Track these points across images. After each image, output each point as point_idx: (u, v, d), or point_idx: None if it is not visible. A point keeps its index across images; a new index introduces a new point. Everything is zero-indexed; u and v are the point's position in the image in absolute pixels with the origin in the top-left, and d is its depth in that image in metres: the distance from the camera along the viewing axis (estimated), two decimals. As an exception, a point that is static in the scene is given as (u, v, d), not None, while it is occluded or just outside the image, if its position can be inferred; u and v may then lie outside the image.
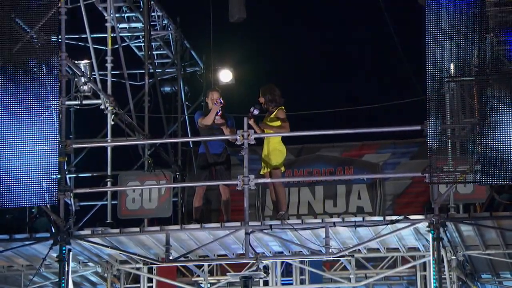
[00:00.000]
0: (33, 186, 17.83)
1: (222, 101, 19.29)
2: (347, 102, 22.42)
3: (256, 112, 19.12)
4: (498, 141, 17.12)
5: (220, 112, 19.19)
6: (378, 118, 20.92)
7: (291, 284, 20.36)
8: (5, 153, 18.20)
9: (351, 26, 25.40)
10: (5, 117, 18.30)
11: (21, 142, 18.05)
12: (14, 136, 18.17)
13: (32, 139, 17.95)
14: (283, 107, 19.02)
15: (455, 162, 17.30)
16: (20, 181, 17.92)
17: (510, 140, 17.08)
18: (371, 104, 22.21)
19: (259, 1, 22.09)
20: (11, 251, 18.78)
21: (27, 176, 17.92)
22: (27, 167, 17.97)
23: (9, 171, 18.05)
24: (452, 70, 17.43)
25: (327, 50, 26.66)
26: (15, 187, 17.90)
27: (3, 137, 18.22)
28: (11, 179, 17.90)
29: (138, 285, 20.47)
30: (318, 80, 25.81)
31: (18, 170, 17.98)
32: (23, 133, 18.07)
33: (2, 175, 18.05)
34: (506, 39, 17.66)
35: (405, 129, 18.56)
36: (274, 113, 18.90)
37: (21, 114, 18.18)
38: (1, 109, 18.37)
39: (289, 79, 23.19)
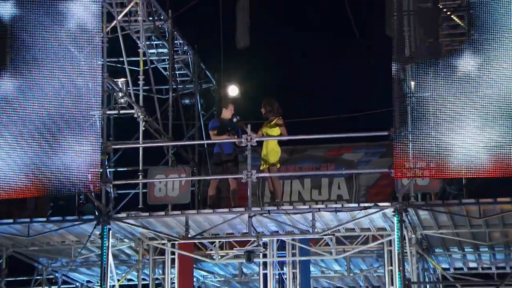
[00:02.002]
0: (81, 178, 17.96)
1: (237, 117, 19.52)
2: (331, 113, 22.45)
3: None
4: (448, 144, 17.23)
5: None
6: (354, 125, 20.84)
7: (285, 256, 20.06)
8: (60, 153, 18.23)
9: (335, 58, 25.31)
10: (60, 123, 18.31)
11: (72, 143, 18.17)
12: (67, 139, 18.24)
13: (81, 141, 18.09)
14: (280, 116, 19.18)
15: (414, 160, 17.28)
16: (70, 174, 18.01)
17: (457, 144, 17.15)
18: (351, 114, 22.44)
19: (260, 30, 22.05)
20: (63, 229, 18.99)
21: (76, 170, 18.03)
22: (76, 164, 18.04)
23: (63, 166, 18.12)
24: (412, 87, 17.56)
25: (315, 72, 26.57)
26: (67, 179, 18.02)
27: (58, 139, 18.27)
28: (64, 173, 18.02)
29: (163, 257, 20.19)
30: (307, 94, 25.76)
31: (69, 166, 18.04)
32: (74, 137, 18.18)
33: (57, 170, 18.14)
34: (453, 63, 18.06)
35: (376, 134, 18.78)
36: (274, 121, 19.04)
37: (73, 121, 18.26)
38: (58, 116, 18.35)
39: (285, 93, 23.00)
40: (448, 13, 17.82)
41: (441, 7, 17.91)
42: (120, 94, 20.77)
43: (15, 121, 18.58)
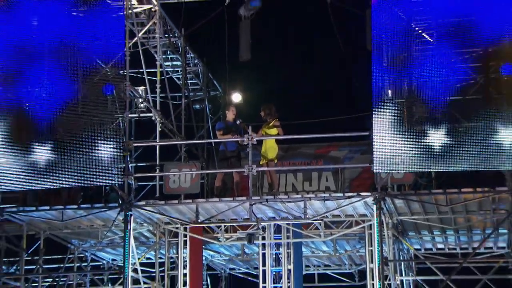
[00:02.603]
0: (107, 172, 18.11)
1: (240, 120, 19.48)
2: (321, 116, 22.20)
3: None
4: (419, 143, 17.31)
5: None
6: (341, 127, 20.62)
7: (280, 238, 20.06)
8: (89, 151, 18.33)
9: (324, 69, 25.34)
10: (89, 125, 18.40)
11: (99, 142, 18.28)
12: (96, 138, 18.36)
13: (107, 140, 18.24)
14: (277, 118, 19.24)
15: (391, 157, 17.33)
16: (98, 168, 18.13)
17: (426, 143, 17.21)
18: (337, 117, 22.42)
19: (260, 46, 21.93)
20: (92, 215, 19.13)
21: (103, 165, 18.16)
22: (103, 159, 18.19)
23: (92, 162, 18.21)
24: (389, 94, 17.63)
25: (307, 82, 26.72)
26: (96, 173, 18.14)
27: (89, 139, 18.35)
28: (93, 168, 18.12)
29: (177, 239, 20.19)
30: (300, 100, 25.80)
31: (97, 161, 18.17)
32: (101, 137, 18.30)
33: (88, 165, 18.21)
34: (427, 74, 17.74)
35: (358, 134, 18.88)
36: (272, 123, 19.09)
37: (100, 123, 18.38)
38: (87, 119, 18.44)
39: (281, 99, 22.89)
40: (420, 31, 17.84)
41: (413, 26, 17.87)
42: (140, 100, 20.96)
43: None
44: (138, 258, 19.80)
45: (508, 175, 17.49)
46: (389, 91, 17.70)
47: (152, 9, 20.74)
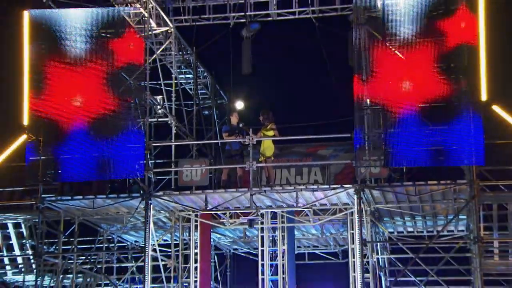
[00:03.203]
0: (131, 167, 18.17)
1: (243, 123, 19.61)
2: (311, 120, 22.46)
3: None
4: (393, 143, 17.42)
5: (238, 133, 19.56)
6: (328, 129, 20.85)
7: (276, 223, 20.09)
8: (116, 149, 18.35)
9: (315, 80, 25.12)
10: (115, 129, 18.47)
11: (125, 143, 18.34)
12: (122, 139, 18.36)
13: (131, 141, 18.29)
14: (273, 122, 19.24)
15: (369, 155, 17.59)
16: (123, 164, 18.20)
17: (400, 143, 17.35)
18: (325, 121, 22.08)
19: (259, 61, 21.40)
20: (118, 203, 19.17)
21: (127, 161, 18.23)
22: (128, 157, 18.25)
23: (118, 159, 18.27)
24: (368, 102, 17.70)
25: (300, 92, 26.64)
26: (121, 168, 18.22)
27: (116, 140, 18.40)
28: (119, 163, 18.22)
29: (189, 223, 20.29)
30: (293, 107, 25.77)
31: (123, 158, 18.22)
32: (126, 138, 18.34)
33: (115, 162, 18.27)
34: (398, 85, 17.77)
35: (342, 135, 18.72)
36: (269, 126, 19.14)
37: (124, 126, 18.43)
38: (116, 123, 18.49)
39: (277, 106, 22.76)
40: (393, 49, 17.82)
41: (387, 44, 17.85)
42: (159, 107, 21.15)
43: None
44: (157, 240, 19.84)
45: (467, 170, 17.60)
46: (368, 100, 17.78)
47: (168, 31, 20.80)
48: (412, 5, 18.00)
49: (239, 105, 22.35)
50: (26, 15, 19.01)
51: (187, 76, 22.97)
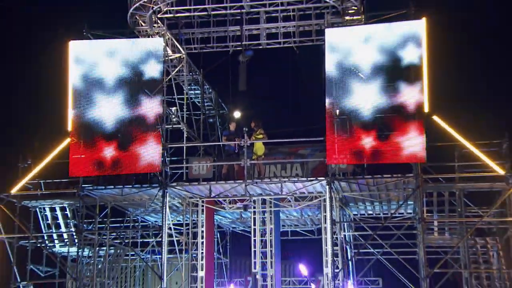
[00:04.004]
0: (151, 163, 18.20)
1: (246, 129, 19.06)
2: (294, 126, 22.22)
3: (245, 128, 19.00)
4: (356, 144, 17.44)
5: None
6: (307, 134, 20.23)
7: (265, 208, 19.96)
8: (140, 150, 18.33)
9: (297, 97, 24.38)
10: (141, 133, 18.47)
11: (147, 144, 18.36)
12: (145, 141, 18.40)
13: (151, 142, 18.33)
14: (262, 128, 19.29)
15: (337, 154, 17.54)
16: (146, 161, 18.23)
17: (362, 144, 17.37)
18: (304, 127, 21.62)
19: (252, 81, 21.69)
20: (141, 192, 19.26)
21: (149, 158, 18.24)
22: (149, 155, 18.31)
23: (142, 157, 18.31)
24: (337, 112, 17.67)
25: (285, 105, 26.22)
26: (144, 163, 18.28)
27: (140, 142, 18.46)
28: (142, 160, 18.29)
29: (197, 208, 20.24)
30: (280, 117, 25.30)
31: (145, 156, 18.27)
32: (148, 140, 18.36)
33: (139, 158, 18.29)
34: (361, 98, 17.81)
35: (317, 139, 18.70)
36: (259, 131, 19.23)
37: (147, 131, 18.43)
38: (140, 128, 18.47)
39: (266, 116, 21.69)
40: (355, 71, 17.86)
41: (352, 68, 17.84)
42: (173, 116, 21.12)
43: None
44: (171, 220, 20.07)
45: (414, 166, 17.73)
46: (337, 110, 17.77)
47: (181, 57, 20.96)
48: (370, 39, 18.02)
49: (237, 114, 22.16)
50: (70, 44, 19.08)
51: (196, 91, 23.04)
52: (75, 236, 20.96)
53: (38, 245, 20.64)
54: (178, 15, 19.75)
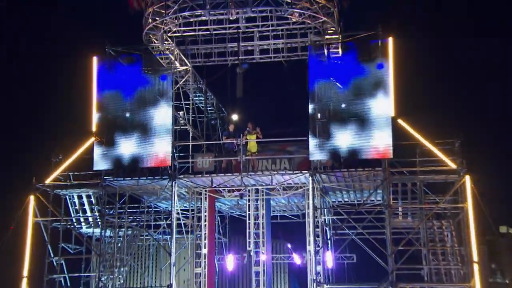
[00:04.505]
0: (163, 158, 18.68)
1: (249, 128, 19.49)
2: (283, 127, 21.80)
3: (248, 129, 19.27)
4: (334, 143, 17.99)
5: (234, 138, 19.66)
6: (294, 134, 20.25)
7: (258, 196, 20.08)
8: (154, 147, 18.75)
9: (286, 99, 24.49)
10: (155, 132, 18.76)
11: (159, 142, 18.78)
12: (158, 139, 18.81)
13: (163, 141, 18.77)
14: (255, 129, 19.56)
15: (319, 151, 17.97)
16: (158, 156, 18.71)
17: (335, 144, 17.97)
18: (292, 128, 21.16)
19: (247, 88, 20.93)
20: (154, 182, 19.50)
21: (161, 154, 18.69)
22: (161, 151, 18.69)
23: (155, 153, 18.74)
24: (318, 116, 18.10)
25: (274, 111, 26.58)
26: (156, 159, 18.71)
27: (153, 139, 18.79)
28: (155, 156, 18.73)
29: (201, 196, 20.44)
30: (270, 120, 25.02)
31: (158, 153, 18.65)
32: (161, 139, 18.81)
33: (152, 154, 18.71)
34: (337, 104, 18.16)
35: (302, 138, 19.03)
36: (253, 132, 19.55)
37: (160, 131, 18.82)
38: (154, 128, 18.69)
39: (259, 119, 21.30)
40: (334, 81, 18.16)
41: (331, 79, 18.16)
42: (181, 119, 21.26)
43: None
44: (179, 206, 20.29)
45: (383, 161, 17.99)
46: (318, 114, 18.12)
47: (187, 69, 20.95)
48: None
49: (234, 117, 21.94)
50: (94, 60, 19.42)
51: (200, 98, 22.94)
52: (98, 219, 20.97)
53: (68, 226, 20.74)
54: (185, 34, 19.80)
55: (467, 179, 17.81)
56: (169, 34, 19.31)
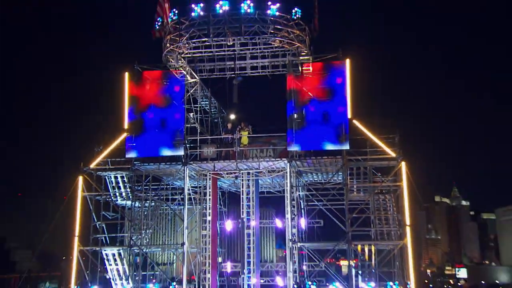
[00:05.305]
0: (177, 151, 19.09)
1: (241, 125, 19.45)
2: (269, 124, 21.19)
3: (239, 126, 19.18)
4: (308, 137, 18.47)
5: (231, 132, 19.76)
6: (276, 130, 19.79)
7: (249, 177, 20.32)
8: (170, 141, 19.01)
9: (272, 105, 25.44)
10: (170, 129, 19.12)
11: (175, 136, 19.16)
12: (171, 134, 19.02)
13: (176, 135, 19.17)
14: (247, 126, 19.87)
15: (295, 144, 18.43)
16: (174, 148, 19.06)
17: (310, 137, 18.32)
18: (275, 125, 20.97)
19: (242, 94, 21.81)
20: (171, 167, 19.99)
21: (175, 150, 19.07)
22: (176, 144, 19.20)
23: (172, 145, 19.02)
24: (295, 116, 18.42)
25: (263, 112, 26.74)
26: (173, 149, 19.07)
27: (171, 136, 19.00)
28: (171, 147, 19.11)
29: (206, 177, 20.72)
30: (258, 118, 24.59)
31: (170, 149, 18.97)
32: (176, 133, 19.13)
33: (168, 145, 18.94)
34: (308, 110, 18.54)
35: (282, 134, 19.16)
36: (246, 129, 19.88)
37: (174, 128, 19.05)
38: (169, 127, 19.05)
39: (251, 117, 21.58)
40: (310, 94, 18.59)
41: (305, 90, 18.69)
42: (191, 119, 21.63)
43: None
44: (190, 185, 20.92)
45: (342, 151, 18.50)
46: (295, 115, 18.69)
47: (196, 81, 21.36)
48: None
49: (232, 116, 21.89)
50: (126, 75, 20.03)
51: (205, 102, 23.16)
52: (129, 194, 21.53)
53: (107, 199, 21.31)
54: (194, 55, 20.35)
55: (403, 164, 18.67)
56: (182, 55, 19.95)
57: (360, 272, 19.52)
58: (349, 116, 18.74)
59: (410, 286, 17.71)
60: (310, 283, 19.34)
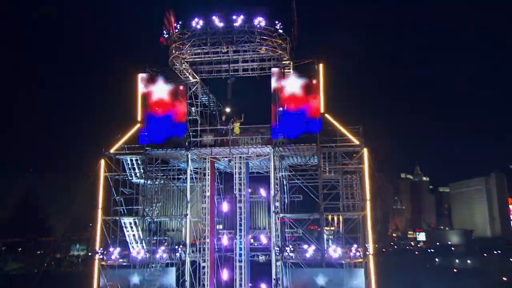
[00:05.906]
0: (181, 141, 19.59)
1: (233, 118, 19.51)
2: (258, 117, 21.41)
3: (233, 118, 19.37)
4: (284, 128, 19.00)
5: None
6: (261, 122, 20.02)
7: (241, 161, 20.41)
8: (175, 130, 19.52)
9: (261, 101, 22.79)
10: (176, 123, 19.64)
11: (180, 127, 19.68)
12: (175, 127, 19.54)
13: (181, 125, 19.63)
14: (239, 119, 20.16)
15: (278, 133, 18.88)
16: (177, 139, 19.53)
17: (294, 128, 18.80)
18: (262, 117, 20.97)
19: (237, 93, 21.61)
20: (176, 152, 20.33)
21: (181, 134, 19.60)
22: (181, 132, 19.54)
23: (177, 133, 19.55)
24: (280, 109, 18.70)
25: (252, 105, 24.92)
26: (178, 138, 19.68)
27: (177, 127, 19.58)
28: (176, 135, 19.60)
29: (205, 160, 20.93)
30: (250, 111, 23.22)
31: (178, 133, 19.69)
32: (180, 124, 19.69)
33: (175, 135, 19.46)
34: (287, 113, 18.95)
35: (268, 125, 19.53)
36: (237, 121, 20.21)
37: (180, 120, 19.72)
38: (172, 119, 19.58)
39: (244, 113, 21.27)
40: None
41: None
42: (193, 112, 21.93)
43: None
44: (192, 167, 21.13)
45: (317, 139, 18.92)
46: (280, 108, 19.03)
47: (197, 80, 21.60)
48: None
49: (227, 110, 21.88)
50: (139, 76, 20.32)
51: (205, 98, 23.37)
52: (143, 174, 21.86)
53: (124, 178, 21.65)
54: (195, 59, 20.67)
55: (365, 150, 19.34)
56: (185, 60, 20.35)
57: (331, 237, 20.13)
58: (322, 110, 19.25)
59: (368, 247, 18.35)
60: (290, 246, 19.93)
